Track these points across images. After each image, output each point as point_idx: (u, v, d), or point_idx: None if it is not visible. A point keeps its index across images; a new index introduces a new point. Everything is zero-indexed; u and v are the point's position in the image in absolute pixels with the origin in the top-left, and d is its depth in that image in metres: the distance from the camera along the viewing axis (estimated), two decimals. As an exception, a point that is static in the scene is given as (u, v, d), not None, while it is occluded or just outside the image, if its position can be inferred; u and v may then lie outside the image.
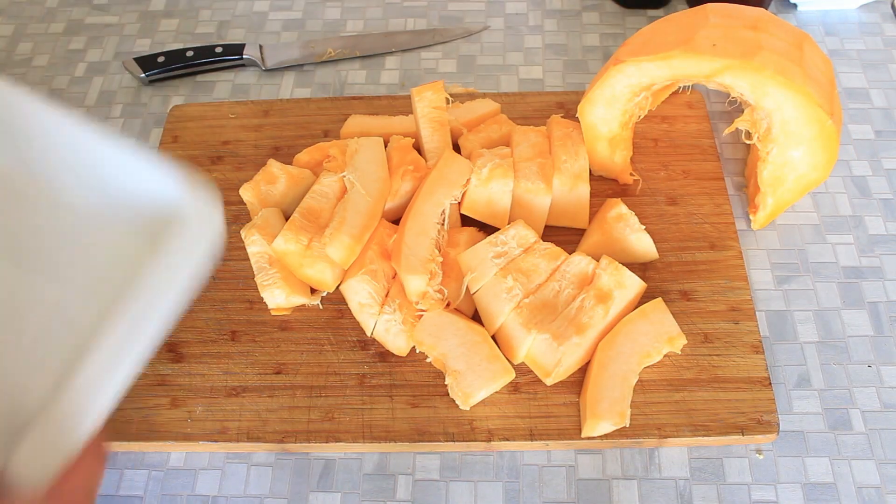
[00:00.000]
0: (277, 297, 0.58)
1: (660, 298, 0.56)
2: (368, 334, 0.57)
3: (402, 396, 0.55)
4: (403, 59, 0.76)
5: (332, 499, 0.53)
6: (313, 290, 0.60)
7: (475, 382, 0.52)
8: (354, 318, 0.58)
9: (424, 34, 0.78)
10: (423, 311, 0.55)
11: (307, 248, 0.57)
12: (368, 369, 0.56)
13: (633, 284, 0.55)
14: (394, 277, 0.57)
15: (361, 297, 0.56)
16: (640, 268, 0.59)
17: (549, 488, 0.52)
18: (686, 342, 0.55)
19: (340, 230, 0.56)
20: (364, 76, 0.75)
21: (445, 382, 0.54)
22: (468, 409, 0.53)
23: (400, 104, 0.70)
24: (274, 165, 0.62)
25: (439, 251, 0.57)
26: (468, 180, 0.59)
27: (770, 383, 0.54)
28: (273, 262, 0.58)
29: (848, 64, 0.74)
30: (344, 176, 0.60)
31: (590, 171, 0.62)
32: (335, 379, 0.56)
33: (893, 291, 0.60)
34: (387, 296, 0.57)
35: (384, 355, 0.56)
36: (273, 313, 0.59)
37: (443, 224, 0.58)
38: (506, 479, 0.53)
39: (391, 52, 0.77)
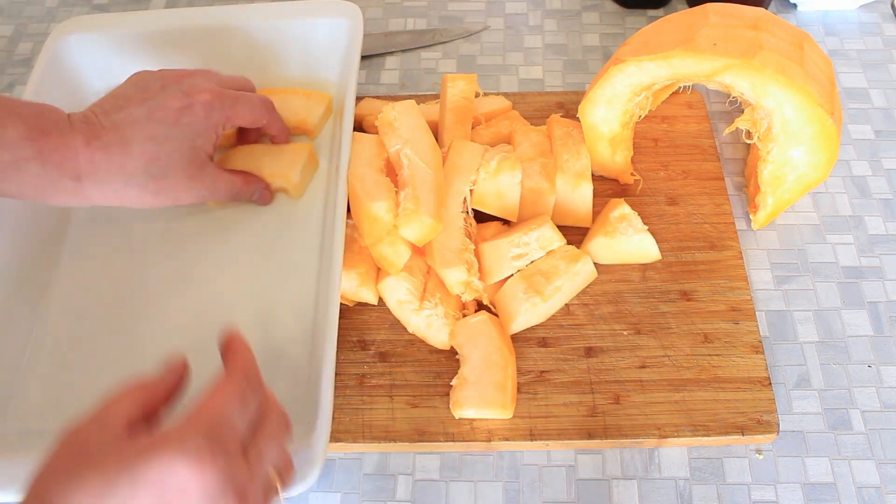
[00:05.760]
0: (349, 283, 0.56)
1: None
2: (410, 331, 0.57)
3: (401, 396, 0.55)
4: (403, 59, 0.76)
5: (332, 499, 0.53)
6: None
7: (471, 398, 0.52)
8: (354, 318, 0.58)
9: (424, 34, 0.78)
10: (468, 302, 0.56)
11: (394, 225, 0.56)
12: (368, 369, 0.56)
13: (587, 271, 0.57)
14: (428, 272, 0.57)
15: (400, 295, 0.56)
16: (640, 268, 0.59)
17: (549, 488, 0.52)
18: None
19: (419, 210, 0.54)
20: (364, 76, 0.75)
21: (451, 383, 0.54)
22: (456, 416, 0.53)
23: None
24: None
25: (471, 239, 0.57)
26: (480, 164, 0.58)
27: (770, 383, 0.54)
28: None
29: (848, 64, 0.74)
30: (399, 149, 0.58)
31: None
32: (335, 379, 0.56)
33: (893, 291, 0.60)
34: (424, 291, 0.56)
35: (384, 355, 0.56)
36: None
37: (467, 212, 0.58)
38: (506, 479, 0.53)
39: (391, 52, 0.77)
